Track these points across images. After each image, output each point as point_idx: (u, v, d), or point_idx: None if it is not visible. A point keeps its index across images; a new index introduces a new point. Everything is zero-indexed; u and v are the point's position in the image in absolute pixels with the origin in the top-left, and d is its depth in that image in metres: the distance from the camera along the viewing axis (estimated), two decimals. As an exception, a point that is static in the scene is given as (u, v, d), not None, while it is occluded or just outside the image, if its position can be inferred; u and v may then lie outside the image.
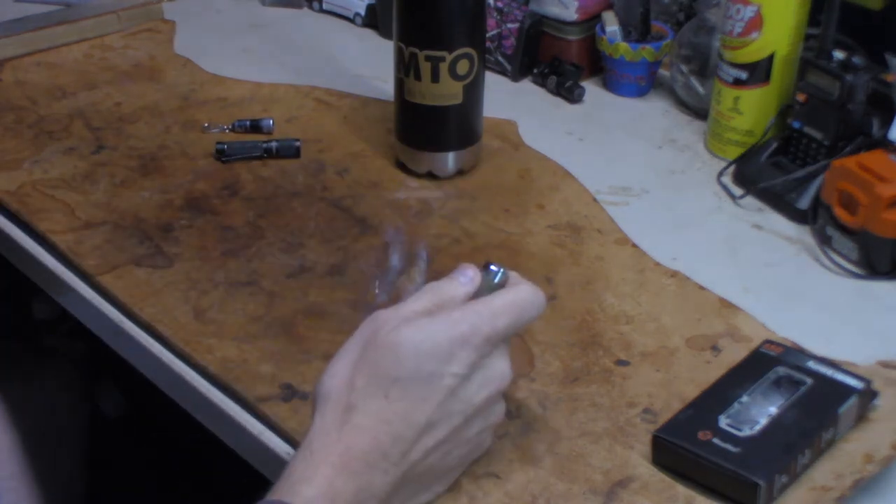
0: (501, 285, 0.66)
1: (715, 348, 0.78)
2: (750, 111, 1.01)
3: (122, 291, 0.84)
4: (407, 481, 0.61)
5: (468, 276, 0.66)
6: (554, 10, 1.17)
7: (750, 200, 0.97)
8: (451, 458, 0.63)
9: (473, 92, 0.97)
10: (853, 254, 0.88)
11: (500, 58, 1.19)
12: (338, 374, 0.62)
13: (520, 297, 0.65)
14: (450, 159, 0.99)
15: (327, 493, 0.58)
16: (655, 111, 1.14)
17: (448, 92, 0.95)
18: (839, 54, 0.93)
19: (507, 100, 1.15)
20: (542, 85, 1.18)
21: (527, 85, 1.19)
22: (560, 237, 0.91)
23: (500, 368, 0.64)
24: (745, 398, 0.69)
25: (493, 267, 0.66)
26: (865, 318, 0.82)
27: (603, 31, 1.14)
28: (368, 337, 0.62)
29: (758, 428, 0.66)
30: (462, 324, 0.61)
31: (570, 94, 1.15)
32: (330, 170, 1.01)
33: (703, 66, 1.09)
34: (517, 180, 1.00)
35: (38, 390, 1.19)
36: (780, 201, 0.95)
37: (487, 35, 1.04)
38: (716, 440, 0.66)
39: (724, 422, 0.67)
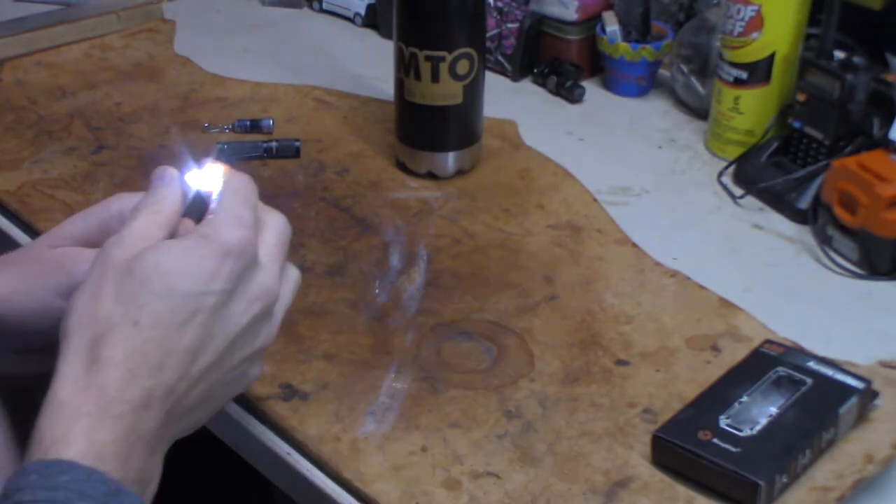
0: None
1: (715, 348, 0.78)
2: (750, 111, 1.01)
3: (122, 291, 0.84)
4: (174, 416, 0.55)
5: (169, 176, 0.60)
6: (554, 10, 1.17)
7: (750, 200, 0.97)
8: (217, 386, 0.58)
9: (473, 92, 0.97)
10: (853, 254, 0.88)
11: (500, 58, 1.19)
12: (77, 309, 0.54)
13: (239, 186, 0.60)
14: (450, 159, 0.99)
15: (89, 449, 0.50)
16: (655, 111, 1.14)
17: (448, 92, 0.95)
18: (839, 54, 0.93)
19: (507, 100, 1.15)
20: (542, 85, 1.18)
21: (527, 85, 1.19)
22: (560, 237, 0.91)
23: (264, 283, 0.58)
24: (745, 398, 0.69)
25: (190, 180, 0.61)
26: (865, 318, 0.82)
27: (603, 31, 1.14)
28: (107, 266, 0.55)
29: (758, 428, 0.66)
30: (217, 236, 0.56)
31: (570, 94, 1.15)
32: (330, 170, 1.01)
33: (704, 66, 1.09)
34: (517, 180, 1.00)
35: (35, 390, 1.19)
36: (780, 201, 0.95)
37: (487, 35, 1.04)
38: (716, 440, 0.66)
39: (724, 422, 0.67)
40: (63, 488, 0.49)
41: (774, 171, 0.97)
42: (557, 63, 1.17)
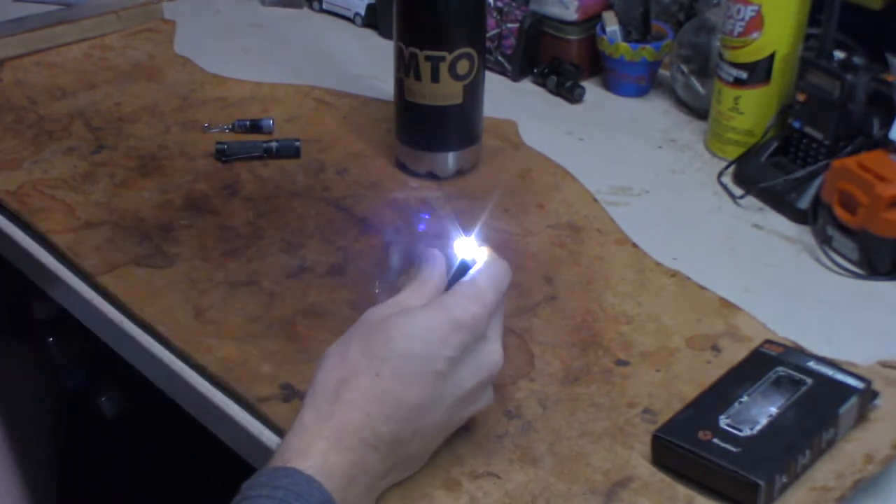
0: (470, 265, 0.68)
1: (715, 348, 0.78)
2: (750, 111, 1.01)
3: (122, 291, 0.84)
4: (397, 461, 0.62)
5: (437, 259, 0.68)
6: (554, 10, 1.17)
7: (750, 200, 0.97)
8: (438, 438, 0.65)
9: (473, 92, 0.97)
10: (853, 254, 0.88)
11: (500, 58, 1.19)
12: (333, 353, 0.63)
13: (495, 270, 0.67)
14: (450, 159, 0.99)
15: (322, 467, 0.58)
16: (655, 111, 1.14)
17: (448, 92, 0.95)
18: (839, 54, 0.93)
19: (507, 100, 1.15)
20: (542, 85, 1.18)
21: (527, 85, 1.19)
22: (560, 237, 0.91)
23: (491, 355, 0.65)
24: (745, 398, 0.69)
25: (463, 257, 0.68)
26: (865, 318, 0.82)
27: (603, 31, 1.14)
28: (360, 324, 0.64)
29: (758, 428, 0.66)
30: (454, 308, 0.63)
31: (570, 94, 1.15)
32: (330, 170, 1.01)
33: (704, 66, 1.09)
34: (517, 180, 1.00)
35: (28, 386, 1.19)
36: (780, 201, 0.95)
37: (487, 35, 1.04)
38: (716, 440, 0.66)
39: (724, 422, 0.67)
40: (283, 488, 0.57)
41: (774, 171, 0.97)
42: (557, 63, 1.17)
